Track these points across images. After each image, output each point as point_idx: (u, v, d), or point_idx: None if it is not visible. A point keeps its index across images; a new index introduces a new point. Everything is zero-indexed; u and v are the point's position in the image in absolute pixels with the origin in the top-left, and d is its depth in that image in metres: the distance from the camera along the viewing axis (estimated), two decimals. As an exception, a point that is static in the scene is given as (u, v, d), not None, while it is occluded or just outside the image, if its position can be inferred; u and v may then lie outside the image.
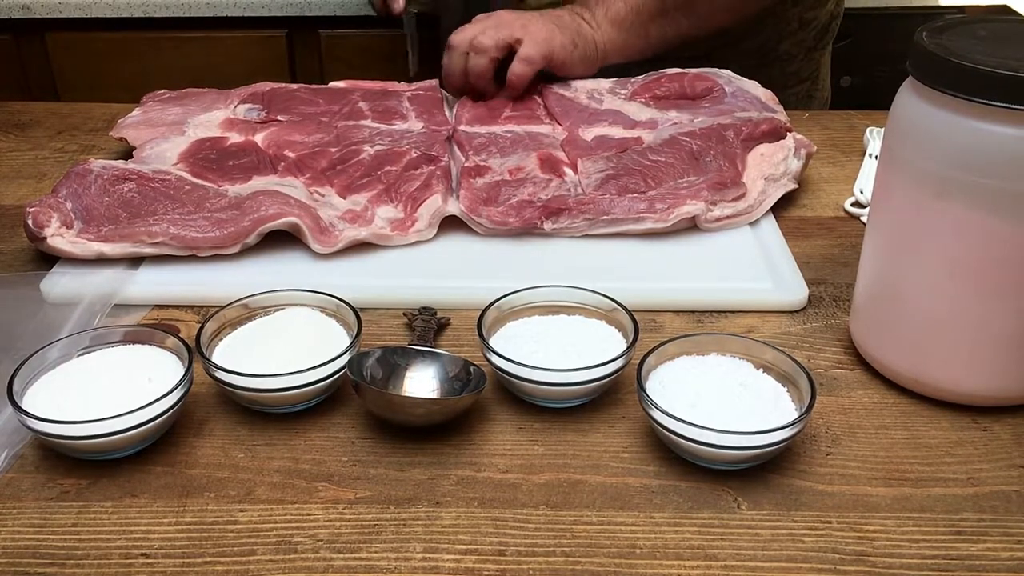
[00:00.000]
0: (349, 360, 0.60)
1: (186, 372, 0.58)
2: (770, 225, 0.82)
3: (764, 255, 0.78)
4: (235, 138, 0.90)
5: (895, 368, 0.63)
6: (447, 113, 0.98)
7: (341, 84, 1.03)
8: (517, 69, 0.98)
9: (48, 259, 0.76)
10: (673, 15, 1.03)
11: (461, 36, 0.99)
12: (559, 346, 0.62)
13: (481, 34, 0.98)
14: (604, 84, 1.02)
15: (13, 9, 1.57)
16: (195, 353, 0.60)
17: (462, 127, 0.94)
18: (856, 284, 0.66)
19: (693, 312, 0.72)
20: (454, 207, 0.80)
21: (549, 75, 1.02)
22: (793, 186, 0.86)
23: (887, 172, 0.60)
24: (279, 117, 0.95)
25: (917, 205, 0.58)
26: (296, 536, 0.52)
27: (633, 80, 1.02)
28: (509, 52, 0.98)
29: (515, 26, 0.98)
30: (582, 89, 1.01)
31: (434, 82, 1.04)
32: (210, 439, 0.59)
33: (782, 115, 0.92)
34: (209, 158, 0.85)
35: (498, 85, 1.00)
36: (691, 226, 0.81)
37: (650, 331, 0.69)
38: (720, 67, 1.03)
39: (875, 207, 0.63)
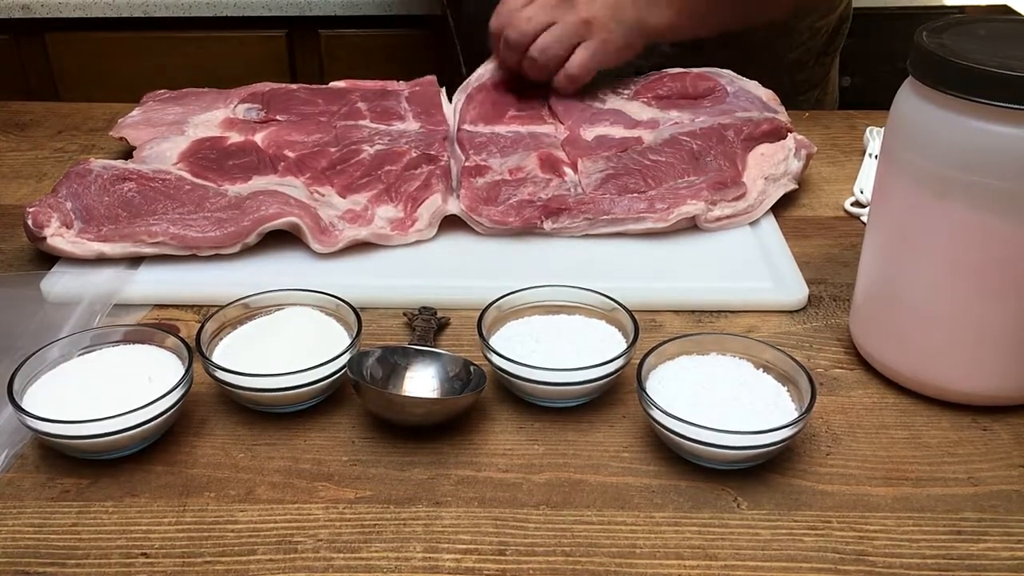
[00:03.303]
0: (349, 360, 0.60)
1: (186, 372, 0.58)
2: (770, 225, 0.82)
3: (764, 255, 0.78)
4: (235, 138, 0.90)
5: (895, 368, 0.63)
6: (446, 112, 0.98)
7: (341, 84, 1.03)
8: (565, 84, 0.95)
9: (48, 259, 0.76)
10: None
11: (519, 31, 0.93)
12: (559, 346, 0.62)
13: (545, 32, 0.92)
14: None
15: (13, 9, 1.57)
16: (195, 353, 0.60)
17: (466, 126, 0.94)
18: (856, 284, 0.66)
19: (693, 312, 0.72)
20: (454, 206, 0.80)
21: None
22: (793, 186, 0.86)
23: (887, 172, 0.60)
24: (279, 117, 0.95)
25: (917, 205, 0.58)
26: (296, 536, 0.52)
27: (636, 80, 1.02)
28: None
29: (579, 23, 0.93)
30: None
31: (432, 79, 1.04)
32: (210, 439, 0.59)
33: (783, 115, 0.92)
34: (209, 158, 0.85)
35: None
36: (691, 226, 0.81)
37: (650, 331, 0.69)
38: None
39: (875, 207, 0.63)
